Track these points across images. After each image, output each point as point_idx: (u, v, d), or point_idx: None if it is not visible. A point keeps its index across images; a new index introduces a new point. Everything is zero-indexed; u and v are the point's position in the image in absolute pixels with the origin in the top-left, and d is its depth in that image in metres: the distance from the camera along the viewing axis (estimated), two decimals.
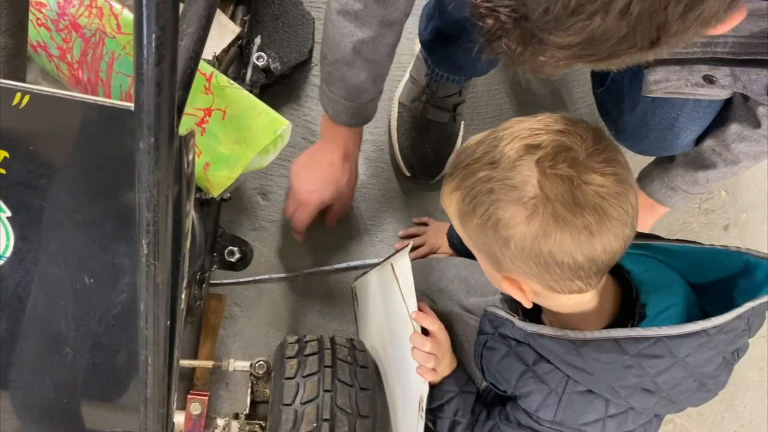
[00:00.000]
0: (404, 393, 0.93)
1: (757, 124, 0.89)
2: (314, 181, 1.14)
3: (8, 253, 0.63)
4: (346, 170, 1.13)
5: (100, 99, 0.50)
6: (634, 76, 0.97)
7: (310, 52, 1.29)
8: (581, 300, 0.71)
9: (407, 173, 1.31)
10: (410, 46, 1.31)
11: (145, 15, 0.40)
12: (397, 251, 0.97)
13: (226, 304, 1.20)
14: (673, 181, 1.07)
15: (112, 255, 0.64)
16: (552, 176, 0.61)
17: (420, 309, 0.88)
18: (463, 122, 1.32)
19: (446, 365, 0.89)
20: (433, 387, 0.87)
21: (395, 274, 0.94)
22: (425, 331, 0.88)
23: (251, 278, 1.23)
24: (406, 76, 1.29)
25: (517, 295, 0.71)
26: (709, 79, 0.78)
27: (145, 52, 0.42)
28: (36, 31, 0.92)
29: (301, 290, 1.26)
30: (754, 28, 0.70)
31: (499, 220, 0.64)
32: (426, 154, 1.28)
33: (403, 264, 0.89)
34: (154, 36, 0.41)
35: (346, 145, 1.10)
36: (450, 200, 0.70)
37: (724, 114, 0.94)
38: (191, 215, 0.62)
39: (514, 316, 0.78)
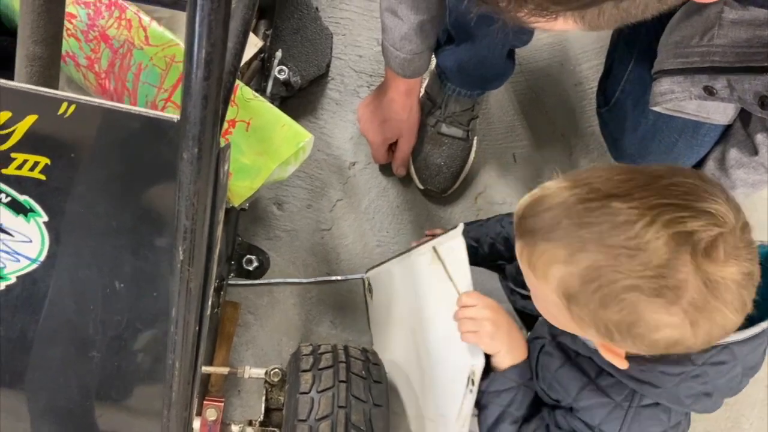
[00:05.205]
0: (445, 373, 0.91)
1: (754, 151, 0.91)
2: (376, 119, 1.17)
3: (42, 257, 0.65)
4: (407, 107, 1.15)
5: (144, 110, 0.51)
6: (638, 98, 1.00)
7: (328, 66, 1.32)
8: None
9: (420, 186, 1.33)
10: None
11: (197, 32, 0.42)
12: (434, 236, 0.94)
13: (240, 311, 1.21)
14: None
15: (143, 261, 0.65)
16: (713, 280, 0.58)
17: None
18: (476, 138, 1.34)
19: (512, 351, 0.83)
20: (497, 373, 0.83)
21: (440, 257, 0.90)
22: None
23: (265, 281, 1.25)
24: (421, 91, 1.31)
25: (610, 359, 0.70)
26: (709, 90, 0.80)
27: (195, 66, 0.44)
28: (66, 41, 0.94)
29: (314, 300, 1.28)
30: (749, 37, 0.72)
31: (641, 320, 0.61)
32: (439, 168, 1.30)
33: (456, 244, 0.85)
34: (204, 52, 0.43)
35: (407, 83, 1.12)
36: (554, 270, 0.64)
37: (725, 139, 0.96)
38: (221, 223, 0.64)
39: None
